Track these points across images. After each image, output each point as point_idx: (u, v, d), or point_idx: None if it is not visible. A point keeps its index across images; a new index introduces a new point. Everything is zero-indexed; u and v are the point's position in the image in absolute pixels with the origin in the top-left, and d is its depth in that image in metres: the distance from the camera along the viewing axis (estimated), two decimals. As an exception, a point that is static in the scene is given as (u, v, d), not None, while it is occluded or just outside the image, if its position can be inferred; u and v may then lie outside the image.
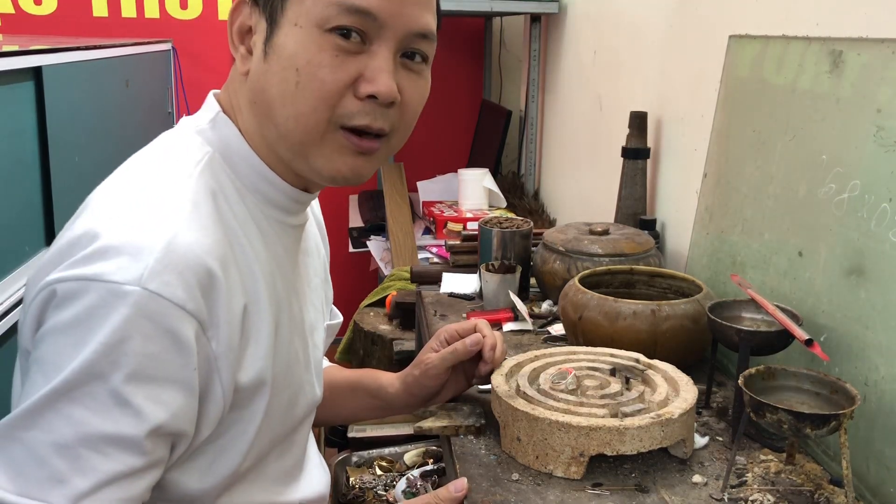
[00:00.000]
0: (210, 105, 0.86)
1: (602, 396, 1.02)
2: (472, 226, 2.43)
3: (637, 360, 1.12)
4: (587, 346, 1.21)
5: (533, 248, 1.61)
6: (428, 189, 2.92)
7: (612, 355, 1.14)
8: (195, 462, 0.80)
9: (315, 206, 1.06)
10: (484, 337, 1.09)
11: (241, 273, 0.79)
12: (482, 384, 1.12)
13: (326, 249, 1.08)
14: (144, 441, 0.70)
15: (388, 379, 1.14)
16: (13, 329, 1.38)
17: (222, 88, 0.87)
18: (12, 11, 3.05)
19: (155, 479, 0.74)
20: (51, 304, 0.70)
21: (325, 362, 1.20)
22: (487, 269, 1.52)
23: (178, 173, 0.79)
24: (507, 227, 1.58)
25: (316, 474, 1.02)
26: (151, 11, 3.17)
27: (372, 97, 0.78)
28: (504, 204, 2.75)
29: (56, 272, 0.70)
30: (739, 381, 0.94)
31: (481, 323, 1.11)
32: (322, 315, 1.01)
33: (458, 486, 0.93)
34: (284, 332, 0.86)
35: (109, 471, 0.69)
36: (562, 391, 1.03)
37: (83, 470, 0.68)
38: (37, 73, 1.58)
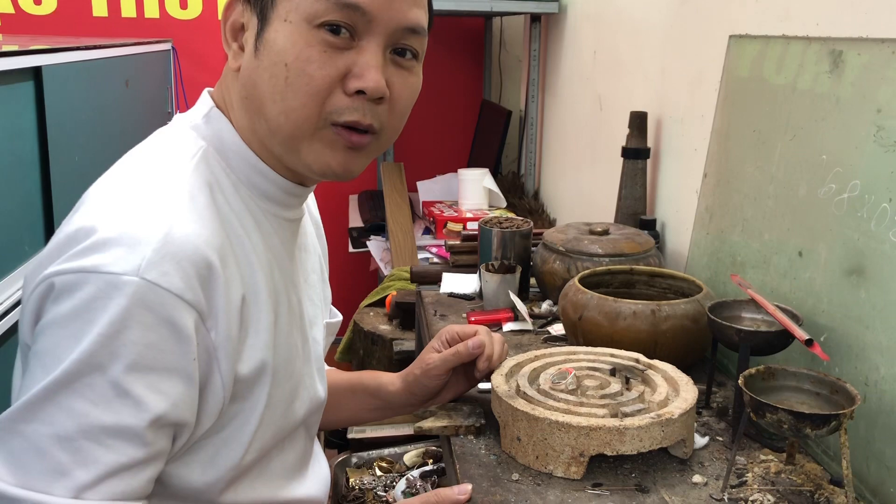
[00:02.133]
0: (204, 101, 0.87)
1: (602, 396, 1.02)
2: (472, 226, 2.43)
3: (637, 360, 1.12)
4: (587, 346, 1.21)
5: (533, 248, 1.60)
6: (428, 189, 2.92)
7: (612, 355, 1.14)
8: (197, 455, 0.80)
9: (312, 205, 1.07)
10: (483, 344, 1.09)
11: (238, 264, 0.79)
12: (483, 381, 1.12)
13: (324, 249, 1.08)
14: (146, 431, 0.70)
15: (388, 378, 1.14)
16: (13, 328, 1.38)
17: (216, 86, 0.88)
18: (12, 11, 3.05)
19: (157, 470, 0.74)
20: (49, 297, 0.70)
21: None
22: (487, 269, 1.52)
23: (174, 167, 0.79)
24: (507, 227, 1.58)
25: (318, 472, 1.02)
26: (151, 11, 3.16)
27: (360, 92, 0.78)
28: (504, 204, 2.75)
29: (54, 266, 0.70)
30: (739, 381, 0.94)
31: (482, 330, 1.11)
32: (320, 311, 1.01)
33: (462, 489, 0.92)
34: (283, 323, 0.87)
35: (111, 462, 0.69)
36: (562, 391, 1.03)
37: (85, 462, 0.68)
38: (37, 73, 1.58)
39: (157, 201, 0.74)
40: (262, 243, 0.84)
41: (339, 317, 1.09)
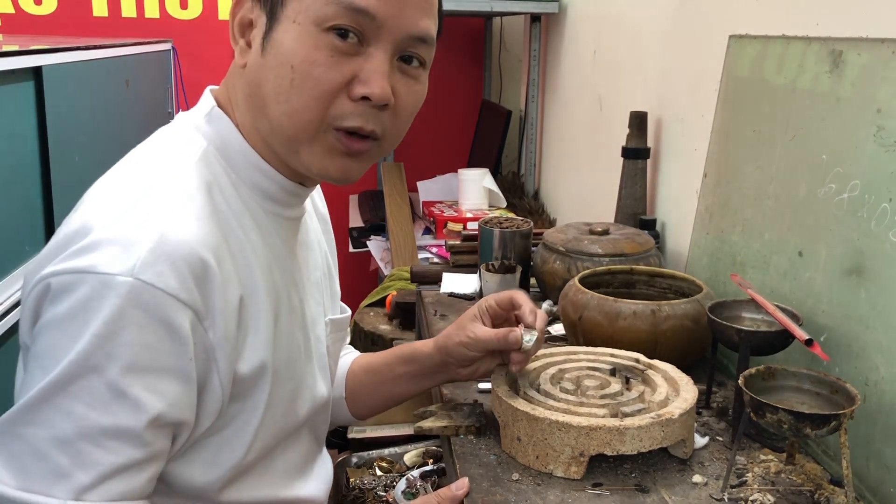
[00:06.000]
0: (206, 100, 0.87)
1: (602, 396, 1.02)
2: (472, 226, 2.43)
3: (637, 360, 1.12)
4: (587, 346, 1.21)
5: (533, 248, 1.61)
6: (428, 189, 2.92)
7: (612, 355, 1.14)
8: (199, 454, 0.80)
9: (319, 201, 1.07)
10: (521, 306, 1.04)
11: (236, 264, 0.79)
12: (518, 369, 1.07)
13: (331, 245, 1.08)
14: (144, 432, 0.70)
15: (420, 343, 1.12)
16: (13, 329, 1.38)
17: (221, 83, 0.88)
18: (12, 11, 3.05)
19: (157, 470, 0.74)
20: (46, 298, 0.70)
21: (352, 355, 1.19)
22: (487, 269, 1.52)
23: (173, 167, 0.79)
24: (507, 227, 1.58)
25: (322, 473, 1.02)
26: (151, 11, 3.16)
27: (365, 98, 0.78)
28: (504, 204, 2.75)
29: (51, 266, 0.71)
30: (739, 381, 0.94)
31: (520, 295, 1.06)
32: (323, 309, 1.00)
33: (460, 485, 0.94)
34: (284, 322, 0.87)
35: (111, 464, 0.69)
36: (561, 390, 1.03)
37: (85, 464, 0.68)
38: (37, 73, 1.58)
39: (154, 202, 0.74)
40: (262, 243, 0.84)
41: (348, 312, 1.09)
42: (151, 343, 0.70)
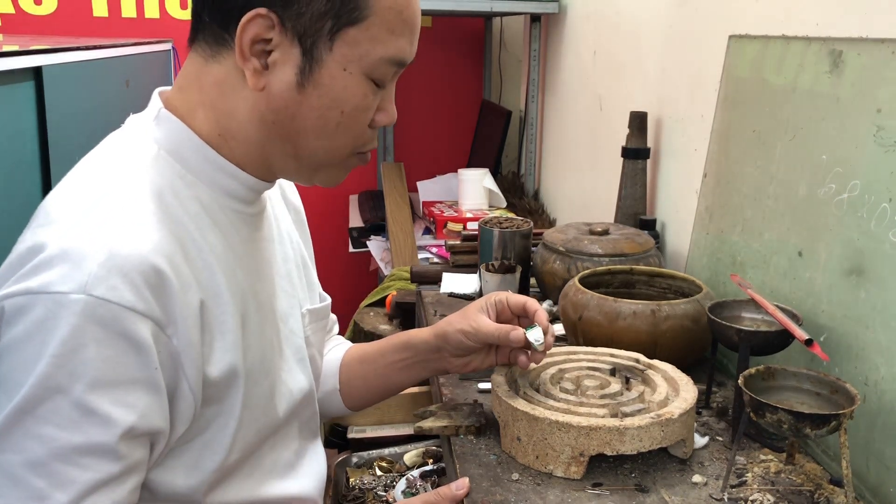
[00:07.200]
0: (153, 103, 0.86)
1: (602, 396, 1.02)
2: (472, 226, 2.43)
3: (637, 360, 1.12)
4: (587, 346, 1.21)
5: (533, 248, 1.61)
6: (428, 189, 2.91)
7: (612, 355, 1.14)
8: (180, 459, 0.80)
9: (291, 193, 1.07)
10: (535, 311, 1.04)
11: (193, 268, 0.78)
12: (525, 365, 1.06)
13: (305, 236, 1.08)
14: (118, 446, 0.70)
15: (415, 331, 1.12)
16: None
17: (176, 88, 0.86)
18: (12, 11, 3.05)
19: (138, 481, 0.74)
20: (2, 321, 0.70)
21: (344, 346, 1.18)
22: (487, 269, 1.52)
23: (122, 175, 0.79)
24: (507, 227, 1.58)
25: (313, 469, 1.02)
26: (151, 11, 3.16)
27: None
28: (504, 204, 2.75)
29: (4, 288, 0.70)
30: (739, 381, 0.94)
31: (534, 303, 1.05)
32: (297, 301, 1.00)
33: (460, 484, 0.94)
34: (253, 322, 0.86)
35: (88, 481, 0.69)
36: (560, 390, 1.03)
37: (62, 484, 0.68)
38: (37, 73, 1.57)
39: (103, 213, 0.74)
40: (222, 243, 0.83)
41: (328, 300, 1.09)
42: (113, 357, 0.70)
